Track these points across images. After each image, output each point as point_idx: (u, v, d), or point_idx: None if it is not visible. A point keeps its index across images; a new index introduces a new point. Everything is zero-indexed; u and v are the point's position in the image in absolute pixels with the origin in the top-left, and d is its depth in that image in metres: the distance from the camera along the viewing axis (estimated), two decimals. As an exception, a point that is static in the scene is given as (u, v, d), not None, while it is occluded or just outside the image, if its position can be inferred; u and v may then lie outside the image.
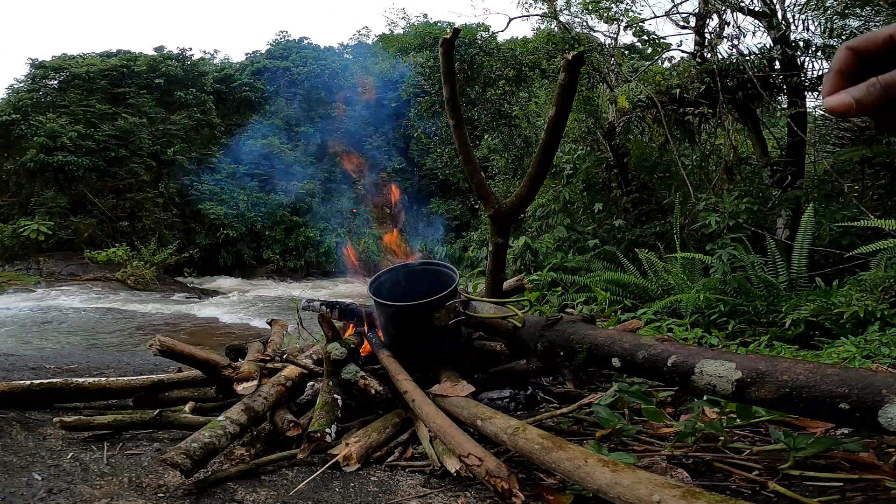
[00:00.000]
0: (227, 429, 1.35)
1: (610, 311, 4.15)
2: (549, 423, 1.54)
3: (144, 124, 20.53)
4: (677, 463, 1.23)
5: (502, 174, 9.04)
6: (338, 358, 1.62)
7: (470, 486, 1.22)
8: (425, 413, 1.39)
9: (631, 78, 6.78)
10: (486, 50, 8.27)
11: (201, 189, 21.05)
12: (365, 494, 1.20)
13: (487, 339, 1.93)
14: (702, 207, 5.51)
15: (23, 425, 1.61)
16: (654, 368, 1.17)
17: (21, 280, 15.48)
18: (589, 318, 1.51)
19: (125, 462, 1.38)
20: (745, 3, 6.27)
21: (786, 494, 1.03)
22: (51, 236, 17.58)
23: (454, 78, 2.21)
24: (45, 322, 9.57)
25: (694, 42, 6.98)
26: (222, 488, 1.22)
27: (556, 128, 1.85)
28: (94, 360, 3.15)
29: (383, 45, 26.54)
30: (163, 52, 23.73)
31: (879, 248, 3.45)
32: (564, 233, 6.25)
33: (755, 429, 1.45)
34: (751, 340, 3.32)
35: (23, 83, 20.41)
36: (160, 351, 1.67)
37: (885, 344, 2.67)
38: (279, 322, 2.80)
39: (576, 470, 0.98)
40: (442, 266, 1.95)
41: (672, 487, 0.84)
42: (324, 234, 21.55)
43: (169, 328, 9.25)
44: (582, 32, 7.93)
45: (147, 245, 17.91)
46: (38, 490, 1.18)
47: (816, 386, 0.89)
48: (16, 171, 18.82)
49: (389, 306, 1.77)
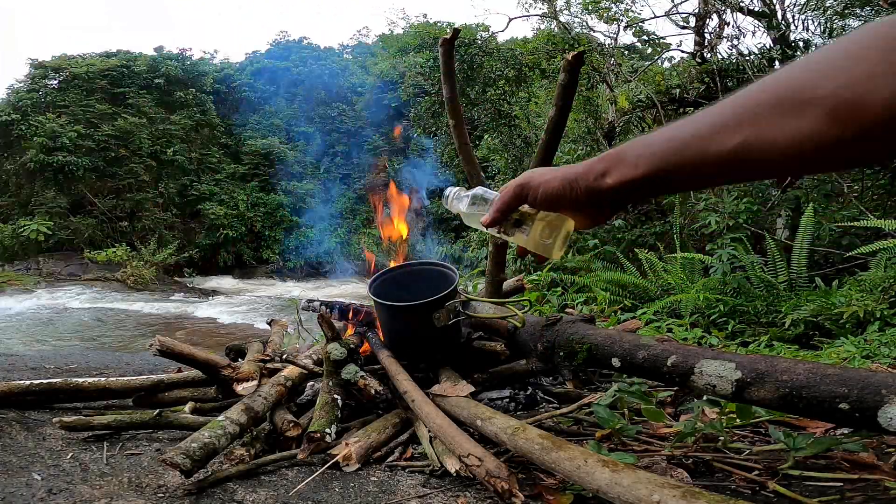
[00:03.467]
0: (226, 429, 1.35)
1: (610, 311, 4.16)
2: (549, 423, 1.54)
3: (144, 124, 20.54)
4: (677, 463, 1.23)
5: (502, 174, 9.05)
6: (338, 358, 1.62)
7: (470, 486, 1.22)
8: (425, 413, 1.39)
9: (631, 78, 6.78)
10: (486, 50, 8.28)
11: (201, 189, 21.06)
12: (365, 494, 1.20)
13: (487, 339, 1.93)
14: (701, 207, 5.51)
15: (22, 425, 1.61)
16: (654, 368, 1.17)
17: (21, 280, 15.49)
18: (589, 318, 1.51)
19: (125, 462, 1.38)
20: (745, 3, 6.27)
21: (786, 494, 1.03)
22: (51, 236, 17.59)
23: (454, 78, 2.22)
24: (45, 322, 9.57)
25: (694, 42, 6.99)
26: (222, 488, 1.22)
27: (556, 128, 1.85)
28: (94, 360, 3.15)
29: (383, 45, 26.57)
30: (163, 52, 23.74)
31: (879, 248, 3.45)
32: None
33: (755, 429, 1.45)
34: (751, 340, 3.32)
35: (23, 83, 20.43)
36: (160, 351, 1.67)
37: (885, 344, 2.67)
38: (279, 322, 2.80)
39: (576, 470, 0.99)
40: (442, 266, 1.95)
41: (672, 487, 0.84)
42: (324, 234, 21.56)
43: (168, 328, 9.26)
44: (582, 32, 7.94)
45: (147, 245, 17.92)
46: (38, 490, 1.18)
47: (816, 386, 0.89)
48: (16, 171, 18.84)
49: (389, 306, 1.77)
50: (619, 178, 0.57)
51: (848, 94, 0.41)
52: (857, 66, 0.41)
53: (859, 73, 0.41)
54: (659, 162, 0.54)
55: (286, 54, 26.46)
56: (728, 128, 0.49)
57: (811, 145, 0.44)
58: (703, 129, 0.51)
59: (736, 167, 0.50)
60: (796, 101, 0.45)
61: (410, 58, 19.38)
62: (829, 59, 0.44)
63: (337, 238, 21.48)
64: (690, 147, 0.52)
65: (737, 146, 0.48)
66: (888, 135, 0.41)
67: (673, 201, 5.57)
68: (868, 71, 0.41)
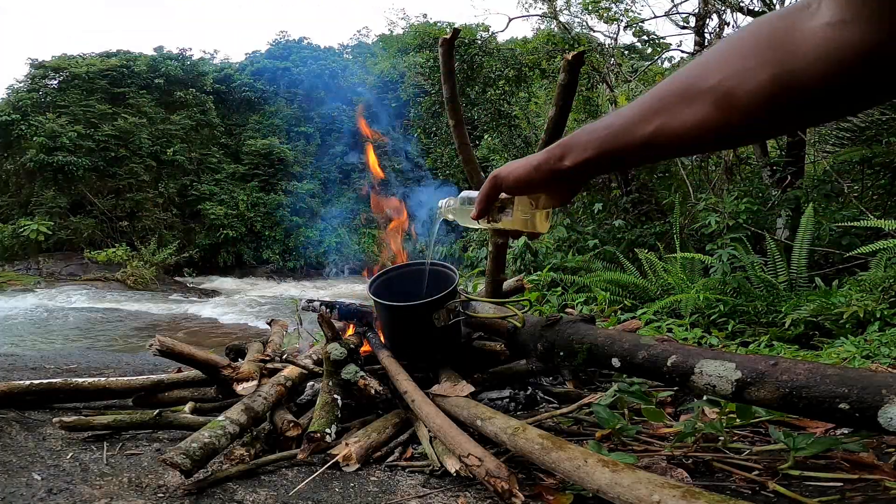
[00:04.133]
0: (226, 429, 1.35)
1: (610, 311, 4.16)
2: (549, 423, 1.54)
3: (144, 124, 20.52)
4: (677, 463, 1.23)
5: (502, 174, 9.04)
6: (337, 358, 1.62)
7: (470, 486, 1.22)
8: (425, 413, 1.39)
9: (631, 78, 6.79)
10: (486, 50, 8.28)
11: (201, 189, 21.04)
12: (365, 494, 1.20)
13: (487, 339, 1.93)
14: (701, 207, 5.51)
15: (22, 425, 1.61)
16: (654, 368, 1.17)
17: (21, 280, 15.48)
18: (589, 318, 1.51)
19: (125, 462, 1.38)
20: (745, 3, 6.27)
21: (786, 494, 1.03)
22: (51, 236, 17.58)
23: (454, 78, 2.21)
24: (45, 322, 9.57)
25: (694, 42, 6.99)
26: (222, 488, 1.22)
27: (556, 128, 1.85)
28: (94, 360, 3.15)
29: (383, 46, 26.57)
30: (163, 52, 23.72)
31: (879, 248, 3.45)
32: (564, 233, 6.25)
33: (755, 429, 1.45)
34: (751, 340, 3.32)
35: (23, 83, 20.40)
36: (160, 351, 1.67)
37: (885, 344, 2.67)
38: (279, 322, 2.80)
39: (576, 470, 0.98)
40: (442, 266, 1.94)
41: (672, 487, 0.84)
42: (324, 234, 21.55)
43: (168, 328, 9.25)
44: (582, 32, 7.94)
45: (147, 245, 17.91)
46: (38, 490, 1.18)
47: (816, 386, 0.89)
48: (16, 171, 18.82)
49: (389, 306, 1.77)
50: (575, 159, 0.67)
51: (726, 85, 0.49)
52: (735, 60, 0.49)
53: (735, 67, 0.48)
54: (602, 145, 0.63)
55: (286, 54, 26.43)
56: (646, 116, 0.57)
57: (706, 128, 0.52)
58: (630, 118, 0.59)
59: (656, 148, 0.58)
60: (691, 91, 0.52)
61: (410, 58, 19.39)
62: (717, 54, 0.51)
63: (337, 238, 21.47)
64: (621, 133, 0.61)
65: (654, 130, 0.56)
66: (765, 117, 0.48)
67: (673, 201, 5.57)
68: (741, 65, 0.48)
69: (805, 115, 0.47)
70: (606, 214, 6.78)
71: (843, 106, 0.46)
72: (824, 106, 0.45)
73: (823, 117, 0.48)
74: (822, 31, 0.43)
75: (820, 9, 0.43)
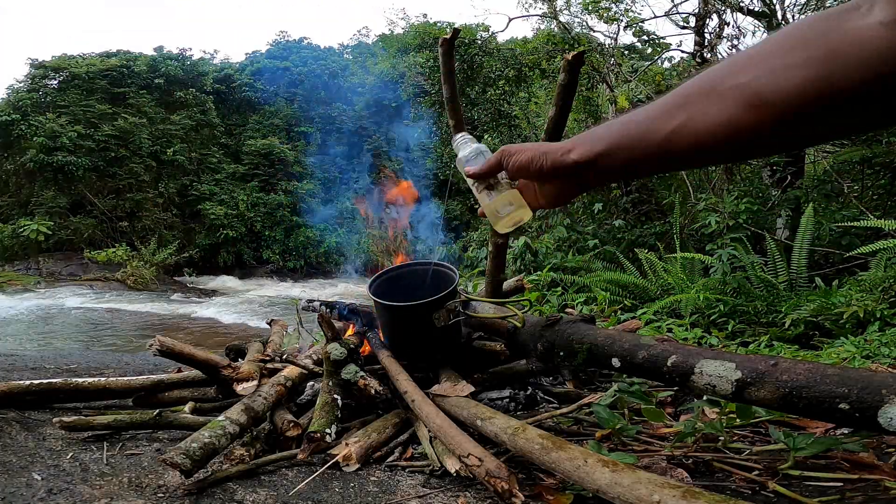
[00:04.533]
0: (226, 429, 1.35)
1: (610, 311, 4.16)
2: (549, 423, 1.54)
3: (144, 124, 20.52)
4: (677, 463, 1.23)
5: (502, 174, 9.04)
6: (337, 358, 1.62)
7: (470, 486, 1.21)
8: (425, 413, 1.39)
9: (631, 78, 6.79)
10: (486, 50, 8.28)
11: (201, 189, 21.04)
12: (365, 494, 1.20)
13: (487, 339, 1.93)
14: (701, 207, 5.51)
15: (22, 425, 1.61)
16: (654, 368, 1.17)
17: (21, 280, 15.48)
18: (589, 318, 1.51)
19: (125, 462, 1.38)
20: (745, 3, 6.27)
21: (786, 494, 1.03)
22: (51, 236, 17.57)
23: (454, 78, 2.21)
24: (45, 322, 9.56)
25: (694, 42, 6.98)
26: (222, 488, 1.22)
27: (556, 128, 1.85)
28: (94, 360, 3.15)
29: (383, 45, 26.55)
30: (163, 52, 23.72)
31: (879, 248, 3.45)
32: (564, 233, 6.25)
33: (755, 429, 1.45)
34: (751, 340, 3.32)
35: (23, 83, 20.40)
36: (160, 351, 1.67)
37: (885, 344, 2.67)
38: (279, 322, 2.80)
39: (576, 470, 0.98)
40: (442, 266, 1.94)
41: (672, 487, 0.84)
42: (324, 234, 21.55)
43: (168, 328, 9.25)
44: (582, 32, 7.94)
45: (147, 245, 17.90)
46: (38, 490, 1.18)
47: (816, 386, 0.89)
48: (16, 171, 18.82)
49: (389, 306, 1.77)
50: (580, 154, 0.63)
51: (757, 85, 0.48)
52: (768, 60, 0.48)
53: (768, 66, 0.47)
54: (616, 139, 0.60)
55: (286, 54, 26.43)
56: (669, 111, 0.55)
57: (730, 130, 0.50)
58: (651, 111, 0.57)
59: (674, 150, 0.55)
60: (719, 88, 0.51)
61: (410, 58, 19.38)
62: (751, 54, 0.50)
63: (337, 238, 21.46)
64: (638, 128, 0.58)
65: (676, 127, 0.54)
66: (793, 120, 0.46)
67: (673, 201, 5.57)
68: (774, 64, 0.47)
69: (834, 120, 0.46)
70: (606, 214, 6.78)
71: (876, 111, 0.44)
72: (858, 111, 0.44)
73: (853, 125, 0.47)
74: (875, 30, 0.42)
75: (873, 9, 0.42)
